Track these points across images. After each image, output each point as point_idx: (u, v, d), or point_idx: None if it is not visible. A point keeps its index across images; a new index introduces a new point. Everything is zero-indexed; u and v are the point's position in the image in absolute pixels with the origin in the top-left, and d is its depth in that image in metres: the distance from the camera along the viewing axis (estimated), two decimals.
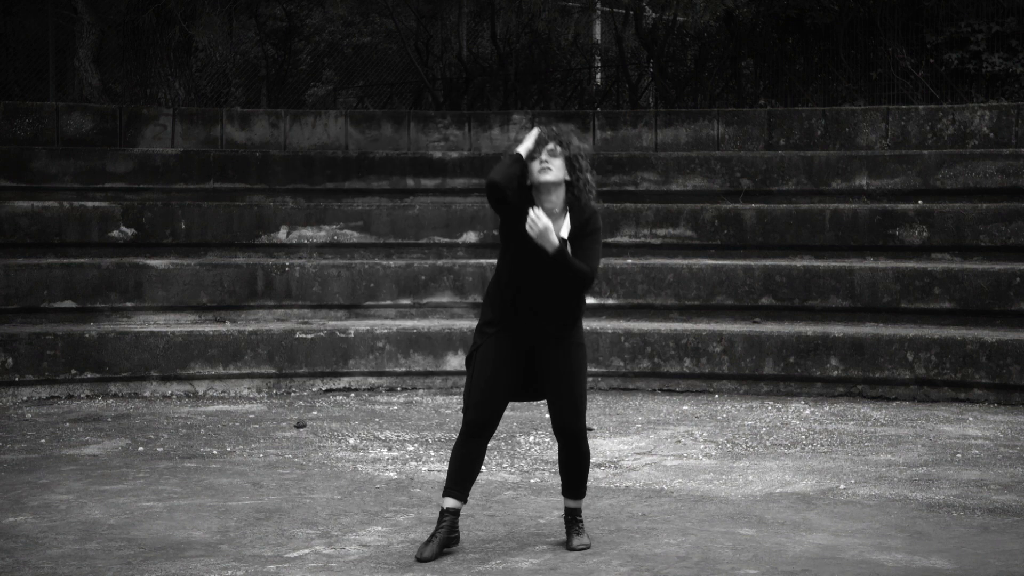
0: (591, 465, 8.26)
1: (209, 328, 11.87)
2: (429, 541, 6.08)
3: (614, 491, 7.57)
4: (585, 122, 14.00)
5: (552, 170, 5.96)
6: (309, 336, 11.86)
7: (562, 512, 6.47)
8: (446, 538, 6.09)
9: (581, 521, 6.34)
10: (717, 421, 10.06)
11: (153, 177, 13.17)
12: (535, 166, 5.98)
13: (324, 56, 21.68)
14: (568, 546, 6.23)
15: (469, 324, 11.93)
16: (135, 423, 10.02)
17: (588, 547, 6.21)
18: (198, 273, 12.35)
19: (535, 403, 11.01)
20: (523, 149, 5.97)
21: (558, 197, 6.02)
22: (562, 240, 5.96)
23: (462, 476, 6.14)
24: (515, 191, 5.94)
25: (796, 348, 11.47)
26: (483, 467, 8.13)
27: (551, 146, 5.99)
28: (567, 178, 6.02)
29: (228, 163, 13.39)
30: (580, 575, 5.81)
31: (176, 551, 6.22)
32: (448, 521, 6.10)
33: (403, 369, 11.92)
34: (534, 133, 6.03)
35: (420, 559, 5.99)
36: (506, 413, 10.32)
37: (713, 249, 12.84)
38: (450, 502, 6.12)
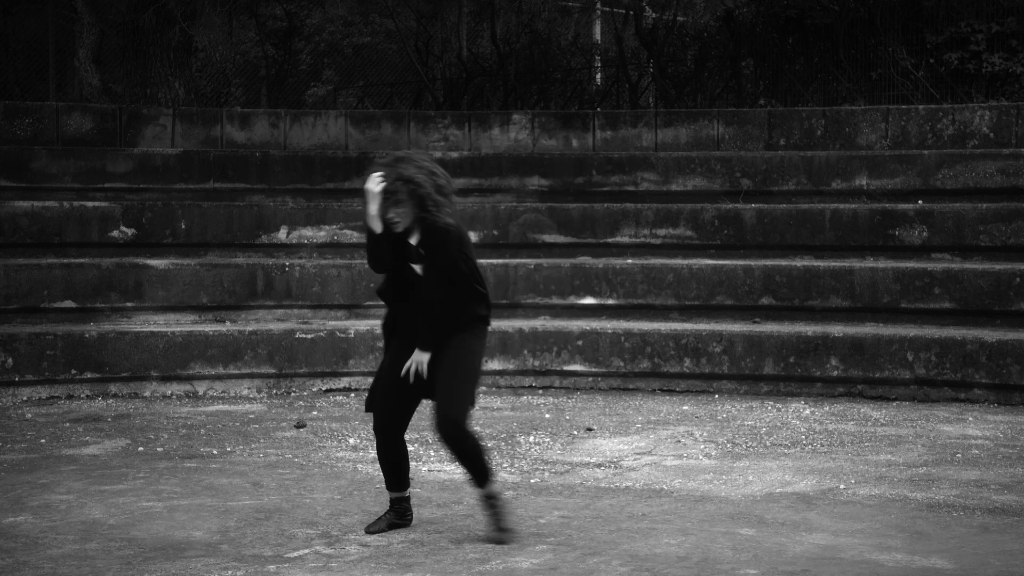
0: (591, 465, 8.28)
1: (209, 328, 11.87)
2: (379, 520, 6.53)
3: (614, 491, 7.56)
4: (585, 122, 14.00)
5: (400, 221, 6.19)
6: (309, 336, 11.85)
7: (562, 512, 6.47)
8: (393, 521, 6.52)
9: (496, 506, 6.35)
10: (717, 421, 10.06)
11: (153, 177, 13.17)
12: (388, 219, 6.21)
13: (324, 56, 21.69)
14: (489, 538, 6.27)
15: None
16: (135, 423, 10.02)
17: (505, 542, 6.21)
18: (198, 273, 12.35)
19: (536, 403, 11.02)
20: (375, 217, 6.17)
21: (409, 225, 6.24)
22: (414, 247, 6.24)
23: (396, 474, 6.51)
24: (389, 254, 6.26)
25: (796, 348, 11.47)
26: None
27: (398, 195, 6.13)
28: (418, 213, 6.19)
29: (228, 163, 13.39)
30: (580, 575, 5.81)
31: (176, 551, 6.22)
32: (398, 507, 6.54)
33: None
34: (374, 188, 6.16)
35: (367, 531, 6.47)
36: (506, 413, 10.37)
37: (713, 249, 12.84)
38: (394, 494, 6.54)
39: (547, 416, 10.22)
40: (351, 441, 9.20)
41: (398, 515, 6.54)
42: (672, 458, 8.58)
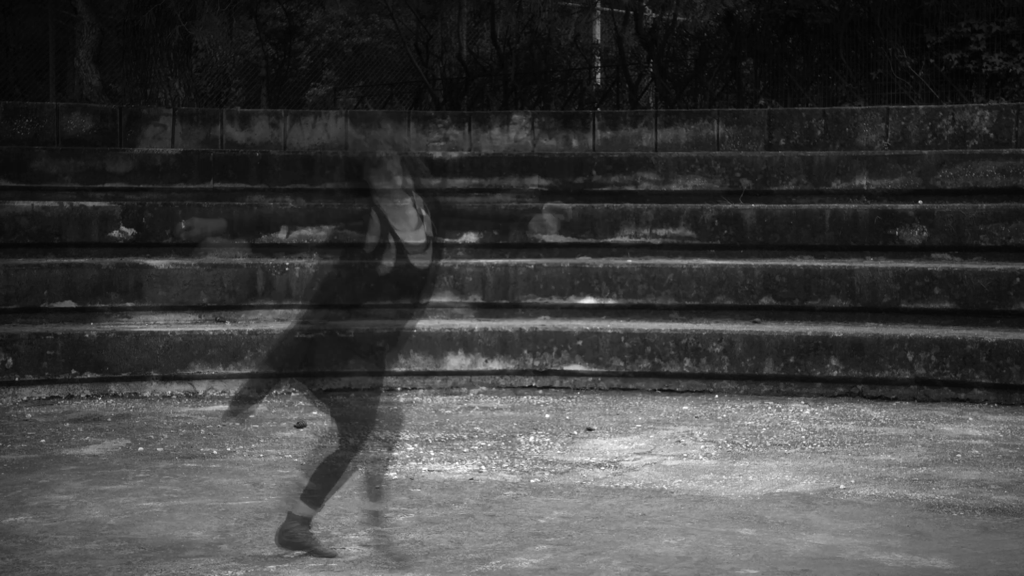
0: (591, 465, 8.27)
1: (209, 328, 11.86)
2: None
3: (614, 491, 7.56)
4: (585, 122, 13.99)
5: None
6: (309, 336, 11.82)
7: (562, 512, 6.45)
8: None
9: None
10: (717, 421, 10.06)
11: (153, 177, 13.16)
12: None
13: (324, 56, 21.69)
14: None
15: (469, 324, 11.94)
16: (135, 423, 10.02)
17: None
18: (198, 273, 12.35)
19: (536, 403, 11.02)
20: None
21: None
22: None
23: None
24: None
25: (796, 348, 11.47)
26: (483, 467, 8.20)
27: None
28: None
29: (228, 163, 13.38)
30: (580, 575, 5.81)
31: (176, 551, 6.22)
32: None
33: (403, 369, 11.91)
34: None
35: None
36: (506, 413, 10.36)
37: (713, 249, 12.84)
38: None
39: (547, 416, 10.22)
40: (351, 441, 9.18)
41: None
42: (672, 458, 8.58)
